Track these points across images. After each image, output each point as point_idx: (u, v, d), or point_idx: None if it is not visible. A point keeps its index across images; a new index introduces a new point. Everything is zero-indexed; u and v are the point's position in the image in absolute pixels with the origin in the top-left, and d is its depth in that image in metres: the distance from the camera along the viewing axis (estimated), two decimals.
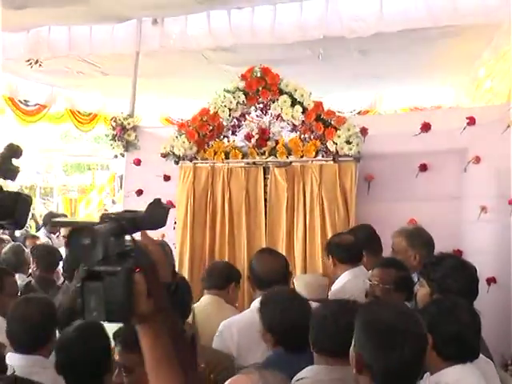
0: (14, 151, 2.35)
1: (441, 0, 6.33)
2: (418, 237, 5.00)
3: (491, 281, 5.85)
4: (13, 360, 3.44)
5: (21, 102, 10.19)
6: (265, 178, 6.16)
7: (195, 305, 4.45)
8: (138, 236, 1.79)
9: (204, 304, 4.60)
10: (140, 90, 7.87)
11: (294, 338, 3.48)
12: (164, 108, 11.88)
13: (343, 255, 5.02)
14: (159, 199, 1.87)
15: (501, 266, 5.90)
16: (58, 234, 9.49)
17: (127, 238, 1.70)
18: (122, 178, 18.30)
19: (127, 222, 1.69)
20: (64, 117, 11.40)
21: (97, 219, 1.72)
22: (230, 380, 1.91)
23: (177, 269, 6.15)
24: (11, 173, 2.37)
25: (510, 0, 5.83)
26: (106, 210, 14.10)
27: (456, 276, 3.70)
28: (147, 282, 1.65)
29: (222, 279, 4.74)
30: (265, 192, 6.14)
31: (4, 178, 2.42)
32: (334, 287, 4.92)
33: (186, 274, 6.10)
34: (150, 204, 1.83)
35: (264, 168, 6.17)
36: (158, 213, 1.84)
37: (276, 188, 6.06)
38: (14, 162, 2.40)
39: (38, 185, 20.49)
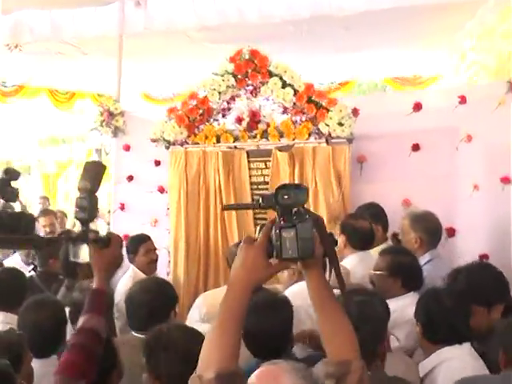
0: (11, 174, 2.44)
1: None
2: (423, 221, 5.06)
3: (484, 257, 5.91)
4: None
5: None
6: (249, 162, 6.18)
7: None
8: None
9: None
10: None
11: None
12: (144, 84, 11.74)
13: (357, 241, 5.11)
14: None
15: (493, 243, 5.99)
16: None
17: None
18: (99, 153, 18.27)
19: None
20: (39, 91, 11.27)
21: None
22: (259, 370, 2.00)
23: (172, 253, 6.19)
24: (11, 195, 2.45)
25: None
26: None
27: None
28: (318, 233, 2.12)
29: None
30: (249, 175, 6.17)
31: (5, 200, 2.47)
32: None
33: (182, 258, 6.13)
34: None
35: (247, 152, 6.18)
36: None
37: (277, 172, 6.05)
38: (13, 183, 2.46)
39: (14, 159, 20.24)
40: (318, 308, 2.17)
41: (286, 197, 2.12)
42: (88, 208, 2.62)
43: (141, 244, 5.77)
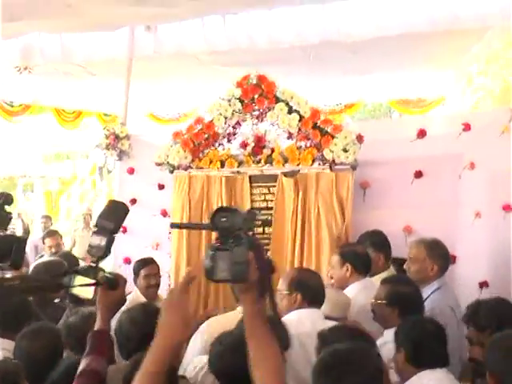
0: (5, 199, 2.47)
1: (438, 6, 6.37)
2: (437, 248, 5.07)
3: (484, 285, 5.98)
4: None
5: (5, 103, 10.14)
6: (251, 187, 6.22)
7: None
8: None
9: None
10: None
11: None
12: (151, 105, 11.83)
13: (361, 266, 5.11)
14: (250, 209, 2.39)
15: (493, 270, 6.02)
16: None
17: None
18: (101, 171, 18.33)
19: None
20: (45, 110, 11.36)
21: None
22: None
23: (173, 278, 6.20)
24: (4, 219, 2.49)
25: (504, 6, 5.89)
26: (89, 209, 14.04)
27: None
28: (256, 258, 2.13)
29: None
30: (252, 200, 6.22)
31: None
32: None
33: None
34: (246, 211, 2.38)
35: (250, 176, 6.22)
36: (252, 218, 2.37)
37: (282, 197, 6.08)
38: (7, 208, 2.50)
39: (17, 175, 20.34)
40: (248, 333, 2.22)
41: (223, 219, 2.17)
42: (104, 247, 2.63)
43: (142, 267, 5.76)
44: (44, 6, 5.51)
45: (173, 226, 5.98)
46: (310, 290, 4.29)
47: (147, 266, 5.77)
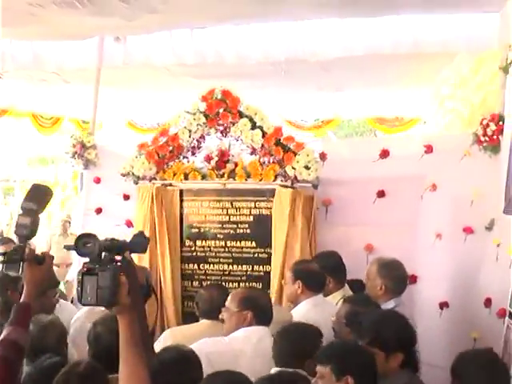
0: None
1: (402, 30, 6.42)
2: (390, 269, 5.08)
3: (444, 305, 6.00)
4: None
5: None
6: (181, 201, 6.27)
7: None
8: None
9: None
10: (103, 96, 7.84)
11: None
12: (128, 112, 11.84)
13: (312, 282, 5.08)
14: (142, 231, 2.60)
15: (453, 291, 6.03)
16: None
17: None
18: (81, 176, 18.27)
19: (119, 242, 2.37)
20: (23, 115, 11.35)
21: None
22: None
23: None
24: None
25: (468, 33, 5.95)
26: (68, 216, 13.96)
27: None
28: (128, 284, 2.24)
29: None
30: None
31: None
32: (295, 316, 4.93)
33: None
34: (135, 234, 2.53)
35: (180, 190, 6.26)
36: (141, 240, 2.48)
37: (281, 211, 6.01)
38: None
39: None
40: (121, 351, 2.31)
41: (88, 245, 2.27)
42: (30, 226, 2.80)
43: None
44: (9, 13, 5.49)
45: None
46: (259, 308, 4.31)
47: None
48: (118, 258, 2.33)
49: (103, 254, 2.29)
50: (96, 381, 3.26)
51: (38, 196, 2.88)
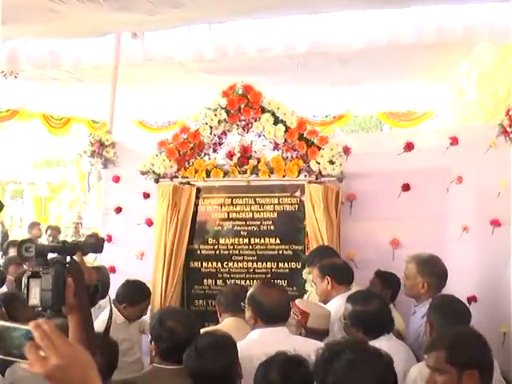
0: None
1: (425, 18, 6.35)
2: (430, 265, 5.00)
3: (472, 299, 5.88)
4: None
5: None
6: (197, 198, 6.19)
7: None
8: None
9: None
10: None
11: None
12: (139, 112, 11.76)
13: (341, 275, 5.01)
14: (96, 233, 2.51)
15: (481, 285, 5.95)
16: None
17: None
18: (89, 176, 18.23)
19: (69, 244, 2.38)
20: (34, 116, 11.28)
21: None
22: None
23: (151, 288, 6.09)
24: None
25: (493, 22, 5.87)
26: (79, 217, 13.92)
27: None
28: (75, 285, 2.29)
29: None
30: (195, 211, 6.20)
31: None
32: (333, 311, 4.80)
33: (158, 296, 6.03)
34: (89, 235, 2.58)
35: (197, 188, 6.19)
36: (93, 242, 2.50)
37: (314, 207, 5.92)
38: None
39: (6, 181, 20.20)
40: None
41: (30, 250, 2.26)
42: None
43: (143, 302, 5.52)
44: (27, 10, 5.41)
45: None
46: (262, 307, 4.11)
47: (147, 300, 5.59)
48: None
49: (49, 256, 2.31)
50: None
51: None
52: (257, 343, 3.92)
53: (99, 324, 5.26)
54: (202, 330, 3.96)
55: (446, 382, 3.07)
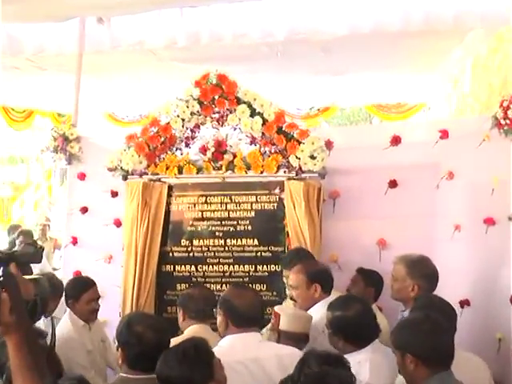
0: None
1: (413, 4, 6.37)
2: (420, 266, 5.04)
3: (464, 303, 5.92)
4: None
5: None
6: (169, 196, 6.22)
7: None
8: None
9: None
10: (82, 86, 7.72)
11: None
12: (108, 104, 11.73)
13: (329, 283, 5.03)
14: (35, 240, 2.58)
15: (474, 288, 5.99)
16: None
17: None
18: (62, 174, 18.08)
19: (2, 253, 2.29)
20: None
21: None
22: None
23: (122, 294, 6.10)
24: None
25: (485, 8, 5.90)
26: (47, 218, 13.83)
27: None
28: (11, 300, 2.16)
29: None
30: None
31: None
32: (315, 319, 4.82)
33: (129, 303, 6.05)
34: (26, 243, 2.49)
35: (169, 185, 6.22)
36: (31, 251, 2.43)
37: (294, 205, 5.94)
38: None
39: None
40: (13, 376, 2.24)
41: None
42: None
43: (85, 291, 5.55)
44: None
45: None
46: (234, 310, 4.14)
47: (90, 289, 5.58)
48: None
49: None
50: None
51: None
52: (227, 351, 3.92)
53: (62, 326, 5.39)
54: (172, 340, 3.95)
55: (398, 363, 3.61)
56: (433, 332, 3.52)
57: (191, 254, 6.24)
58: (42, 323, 5.24)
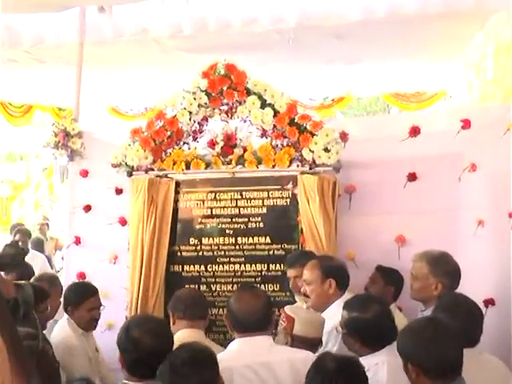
0: None
1: None
2: (443, 263, 5.03)
3: (489, 303, 5.89)
4: None
5: None
6: (176, 192, 6.21)
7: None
8: None
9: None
10: (83, 79, 7.72)
11: None
12: (111, 97, 11.74)
13: (345, 280, 5.01)
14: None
15: (500, 287, 5.95)
16: None
17: None
18: (62, 171, 18.14)
19: None
20: None
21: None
22: None
23: (129, 295, 6.10)
24: None
25: None
26: (45, 217, 13.87)
27: None
28: None
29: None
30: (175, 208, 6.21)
31: None
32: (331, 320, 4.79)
33: (135, 304, 6.04)
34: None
35: (177, 181, 6.21)
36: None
37: (308, 201, 5.92)
38: None
39: None
40: None
41: None
42: None
43: (87, 299, 5.51)
44: None
45: None
46: (233, 315, 4.13)
47: (92, 297, 5.56)
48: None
49: None
50: None
51: None
52: (237, 354, 3.93)
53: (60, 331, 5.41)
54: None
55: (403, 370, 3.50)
56: (435, 340, 3.36)
57: (200, 253, 6.23)
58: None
